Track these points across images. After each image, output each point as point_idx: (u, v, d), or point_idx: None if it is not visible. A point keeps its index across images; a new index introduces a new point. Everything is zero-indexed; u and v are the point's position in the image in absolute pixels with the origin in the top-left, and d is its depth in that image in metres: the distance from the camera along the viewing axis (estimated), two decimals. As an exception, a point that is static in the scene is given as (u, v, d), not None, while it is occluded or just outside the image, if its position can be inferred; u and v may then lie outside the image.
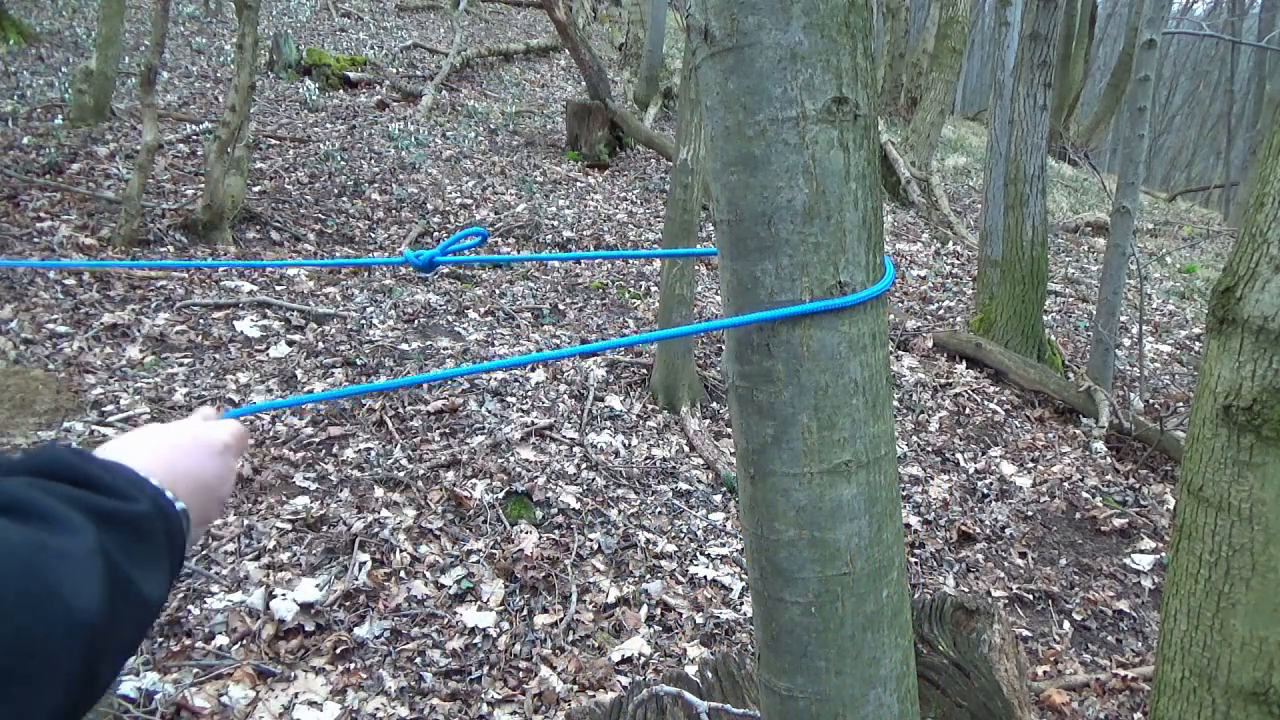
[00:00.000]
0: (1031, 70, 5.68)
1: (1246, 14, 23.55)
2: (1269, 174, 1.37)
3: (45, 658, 0.42)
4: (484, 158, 8.19)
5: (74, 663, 0.44)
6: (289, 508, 3.21)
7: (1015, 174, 5.82)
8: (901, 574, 1.05)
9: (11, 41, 8.50)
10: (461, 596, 2.98)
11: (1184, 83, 29.62)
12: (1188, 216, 14.60)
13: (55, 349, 4.09)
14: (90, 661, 0.46)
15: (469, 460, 3.67)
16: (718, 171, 0.94)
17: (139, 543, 0.53)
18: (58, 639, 0.43)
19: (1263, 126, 15.85)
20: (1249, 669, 1.41)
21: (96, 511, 0.51)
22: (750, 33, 0.87)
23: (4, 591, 0.41)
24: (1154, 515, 4.34)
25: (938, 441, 4.82)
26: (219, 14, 11.29)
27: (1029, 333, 5.94)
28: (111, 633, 0.48)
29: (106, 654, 0.48)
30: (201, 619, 2.67)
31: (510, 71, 11.66)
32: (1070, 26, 14.43)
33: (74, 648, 0.44)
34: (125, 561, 0.50)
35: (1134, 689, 3.10)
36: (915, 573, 3.69)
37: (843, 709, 1.03)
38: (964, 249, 8.78)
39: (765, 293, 0.93)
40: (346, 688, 2.53)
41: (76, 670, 0.44)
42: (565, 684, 2.70)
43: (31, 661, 0.41)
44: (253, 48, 5.38)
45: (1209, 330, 1.46)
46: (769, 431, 0.97)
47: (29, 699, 0.41)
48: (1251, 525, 1.39)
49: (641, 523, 3.60)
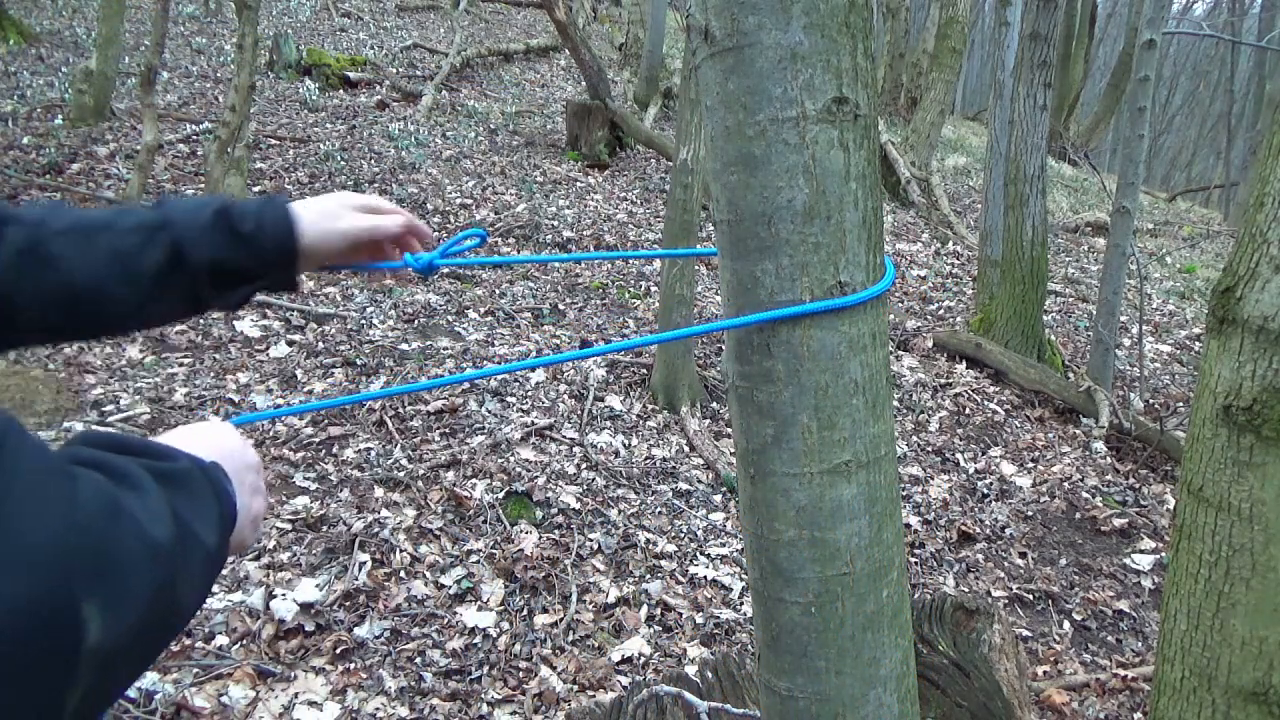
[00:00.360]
0: (1031, 70, 5.68)
1: (1246, 14, 23.55)
2: (1269, 174, 1.37)
3: (139, 575, 0.52)
4: (484, 158, 8.19)
5: (159, 578, 0.54)
6: (289, 508, 3.21)
7: (1015, 174, 5.82)
8: (901, 574, 1.05)
9: (11, 41, 8.50)
10: (461, 596, 2.98)
11: (1184, 83, 29.62)
12: (1188, 216, 14.60)
13: (55, 349, 4.09)
14: (170, 582, 0.55)
15: (469, 460, 3.67)
16: (718, 171, 0.94)
17: (188, 494, 0.61)
18: (145, 560, 0.52)
19: (1263, 126, 15.85)
20: (1249, 669, 1.41)
21: (150, 470, 0.59)
22: (750, 33, 0.87)
23: (101, 522, 0.50)
24: (1154, 515, 4.34)
25: (938, 441, 4.82)
26: (219, 14, 11.29)
27: (1029, 333, 5.94)
28: (184, 564, 0.57)
29: (183, 579, 0.57)
30: (201, 619, 2.67)
31: (510, 71, 11.66)
32: (1070, 26, 14.43)
33: (157, 568, 0.53)
34: (181, 507, 0.59)
35: (1134, 689, 3.10)
36: (915, 573, 3.69)
37: (843, 709, 1.03)
38: (964, 249, 8.78)
39: (765, 293, 0.93)
40: (346, 688, 2.53)
41: (162, 585, 0.54)
42: (565, 684, 2.70)
43: (128, 578, 0.50)
44: (253, 48, 5.38)
45: (1209, 330, 1.46)
46: (769, 431, 0.97)
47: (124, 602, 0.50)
48: (1251, 525, 1.39)
49: (641, 523, 3.60)
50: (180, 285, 0.89)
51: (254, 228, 0.91)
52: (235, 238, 0.90)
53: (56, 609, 0.45)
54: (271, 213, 0.93)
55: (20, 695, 0.44)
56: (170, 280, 0.88)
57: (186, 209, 0.90)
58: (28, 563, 0.44)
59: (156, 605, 0.53)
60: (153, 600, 0.53)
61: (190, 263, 0.88)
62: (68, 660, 0.46)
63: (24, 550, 0.44)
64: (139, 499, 0.55)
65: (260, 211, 0.92)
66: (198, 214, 0.89)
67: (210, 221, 0.89)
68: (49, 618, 0.45)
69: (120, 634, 0.50)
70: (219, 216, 0.90)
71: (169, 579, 0.54)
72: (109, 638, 0.48)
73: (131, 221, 0.87)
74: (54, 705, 0.46)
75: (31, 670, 0.44)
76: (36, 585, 0.44)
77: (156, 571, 0.53)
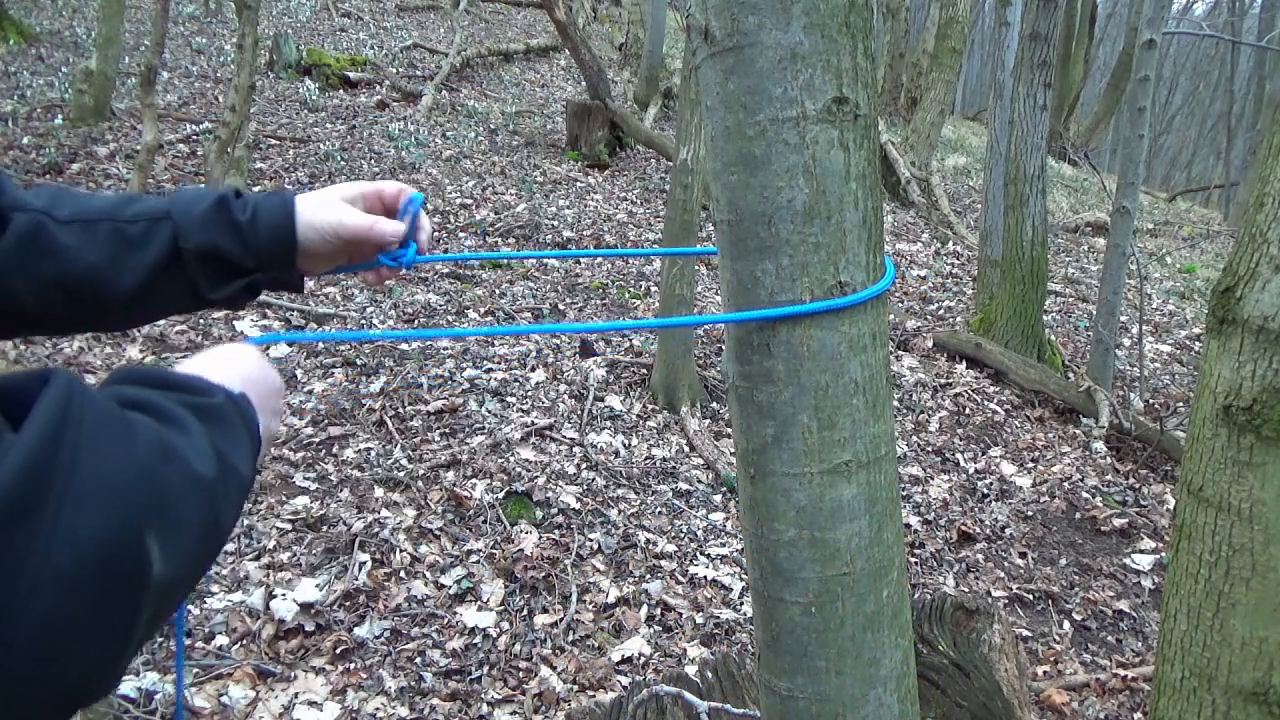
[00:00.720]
0: (1031, 70, 5.68)
1: (1246, 14, 23.56)
2: (1269, 174, 1.38)
3: (192, 510, 0.56)
4: (484, 158, 8.19)
5: (207, 511, 0.58)
6: (289, 508, 3.21)
7: (1015, 174, 5.82)
8: (901, 574, 1.05)
9: (11, 41, 8.50)
10: (461, 596, 2.98)
11: (1184, 83, 29.63)
12: (1188, 216, 14.60)
13: (55, 349, 4.09)
14: (214, 512, 0.59)
15: (469, 460, 3.67)
16: (718, 171, 0.94)
17: (224, 428, 0.65)
18: (195, 496, 0.57)
19: (1263, 126, 15.85)
20: (1249, 669, 1.41)
21: (189, 406, 0.63)
22: (750, 33, 0.87)
23: (157, 465, 0.54)
24: (1154, 515, 4.34)
25: (938, 441, 4.82)
26: (219, 14, 11.30)
27: (1029, 333, 5.94)
28: (223, 492, 0.61)
29: (224, 510, 0.61)
30: (201, 619, 2.67)
31: (510, 71, 11.66)
32: (1070, 26, 14.43)
33: (205, 502, 0.58)
34: (222, 445, 0.63)
35: (1134, 689, 3.10)
36: (915, 573, 3.69)
37: (843, 709, 1.03)
38: (964, 249, 8.78)
39: (765, 293, 0.93)
40: (346, 688, 2.53)
41: (207, 517, 0.58)
42: (565, 684, 2.70)
43: (183, 513, 0.55)
44: (253, 48, 5.38)
45: (1209, 330, 1.46)
46: (769, 431, 0.97)
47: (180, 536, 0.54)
48: (1251, 525, 1.39)
49: (641, 523, 3.60)
50: (179, 277, 0.88)
51: (249, 216, 0.88)
52: (230, 225, 0.88)
53: (128, 543, 0.49)
54: (269, 202, 0.91)
55: (98, 622, 0.48)
56: (170, 271, 0.87)
57: (189, 199, 0.89)
58: (102, 503, 0.48)
59: (206, 535, 0.58)
60: (203, 531, 0.58)
61: (185, 251, 0.87)
62: (138, 589, 0.50)
63: (97, 492, 0.48)
64: (185, 439, 0.59)
65: (259, 200, 0.90)
66: (198, 202, 0.88)
67: (208, 209, 0.88)
68: (122, 551, 0.48)
69: (179, 564, 0.54)
70: (218, 204, 0.88)
71: (214, 511, 0.59)
72: (170, 567, 0.53)
73: (135, 211, 0.86)
74: (126, 628, 0.50)
75: (109, 599, 0.48)
76: (111, 523, 0.48)
77: (205, 505, 0.58)
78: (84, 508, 0.47)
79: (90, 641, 0.47)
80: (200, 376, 0.68)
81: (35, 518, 0.45)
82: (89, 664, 0.48)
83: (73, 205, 0.84)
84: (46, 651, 0.45)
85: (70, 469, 0.47)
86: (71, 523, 0.46)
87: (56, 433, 0.47)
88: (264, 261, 0.90)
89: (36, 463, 0.45)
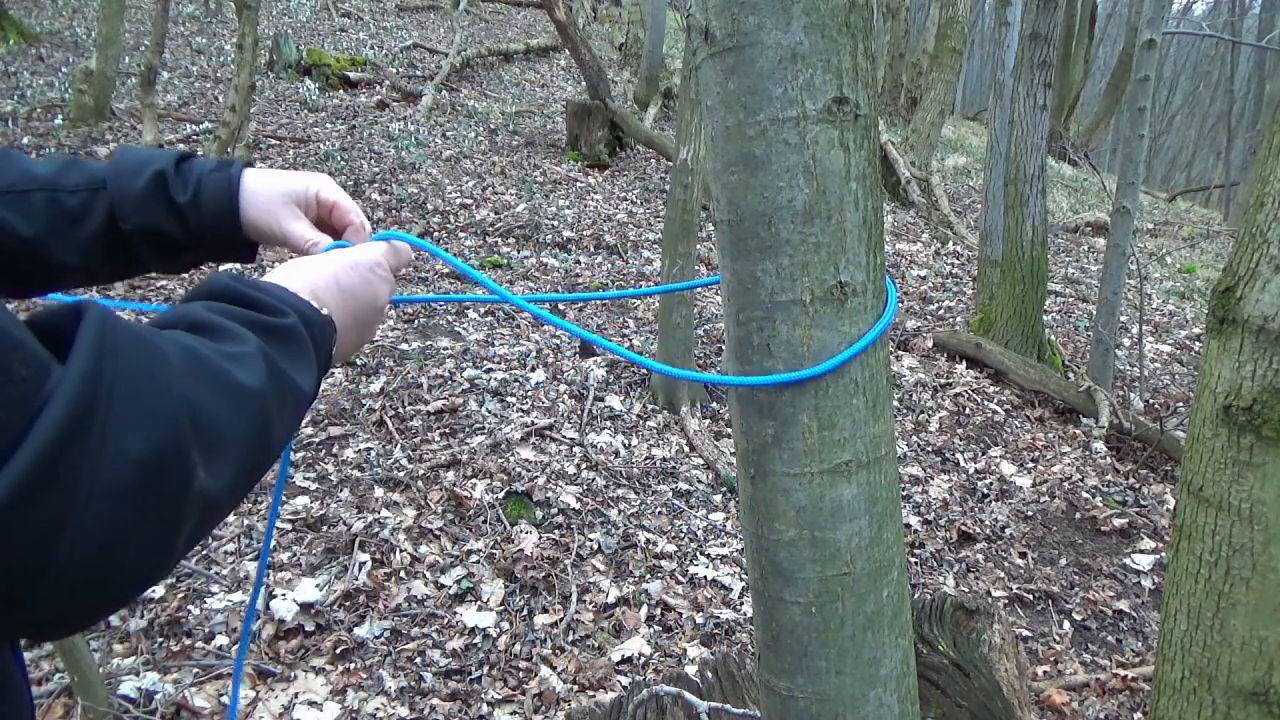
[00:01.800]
0: (1031, 70, 5.68)
1: (1246, 14, 23.56)
2: (1269, 174, 1.37)
3: (234, 423, 0.59)
4: (484, 158, 8.19)
5: (254, 423, 0.61)
6: (289, 508, 3.21)
7: (1015, 174, 5.82)
8: (901, 574, 1.05)
9: (11, 41, 8.50)
10: (461, 596, 2.98)
11: (1184, 83, 29.63)
12: (1188, 216, 14.60)
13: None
14: (265, 424, 0.62)
15: (469, 460, 3.67)
16: (718, 171, 0.94)
17: (289, 346, 0.68)
18: (238, 408, 0.60)
19: (1263, 126, 15.84)
20: (1249, 669, 1.41)
21: (255, 324, 0.66)
22: (751, 33, 0.87)
23: (193, 383, 0.57)
24: (1154, 515, 4.34)
25: (938, 441, 4.82)
26: (219, 14, 11.29)
27: (1029, 333, 5.94)
28: (277, 405, 0.64)
29: (277, 421, 0.64)
30: (201, 619, 2.67)
31: (510, 71, 11.66)
32: (1070, 26, 14.43)
33: (251, 409, 0.61)
34: (280, 358, 0.66)
35: (1134, 689, 3.10)
36: (915, 573, 3.69)
37: (843, 709, 1.03)
38: (964, 249, 8.78)
39: (765, 293, 0.93)
40: (346, 688, 2.53)
41: (254, 427, 0.61)
42: (565, 684, 2.70)
43: (219, 424, 0.58)
44: (253, 48, 5.38)
45: (1209, 330, 1.46)
46: (769, 431, 0.97)
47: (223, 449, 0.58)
48: (1251, 525, 1.39)
49: (641, 523, 3.60)
50: (119, 248, 0.87)
51: (190, 198, 0.86)
52: (169, 208, 0.86)
53: (169, 459, 0.53)
54: (213, 184, 0.88)
55: (146, 524, 0.53)
56: (111, 243, 0.86)
57: (126, 170, 0.86)
58: (142, 425, 0.52)
59: (253, 444, 0.61)
60: (251, 440, 0.61)
61: (123, 230, 0.85)
62: (180, 499, 0.55)
63: (138, 415, 0.52)
64: (235, 356, 0.62)
65: (202, 178, 0.87)
66: (135, 178, 0.85)
67: (146, 188, 0.85)
68: (165, 466, 0.53)
69: (224, 473, 0.58)
70: (156, 182, 0.85)
71: (263, 420, 0.62)
72: (214, 477, 0.57)
73: (75, 180, 0.84)
74: (173, 531, 0.55)
75: (155, 507, 0.53)
76: (150, 443, 0.52)
77: (251, 417, 0.61)
78: (126, 430, 0.51)
79: (141, 540, 0.53)
80: (281, 294, 0.71)
81: (86, 440, 0.50)
82: (142, 558, 0.54)
83: (12, 173, 0.83)
84: (105, 547, 0.51)
85: (111, 396, 0.51)
86: (117, 445, 0.51)
87: (97, 365, 0.51)
88: (207, 243, 0.90)
89: (84, 393, 0.50)
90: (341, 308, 0.78)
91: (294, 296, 0.73)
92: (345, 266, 0.81)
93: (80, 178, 0.85)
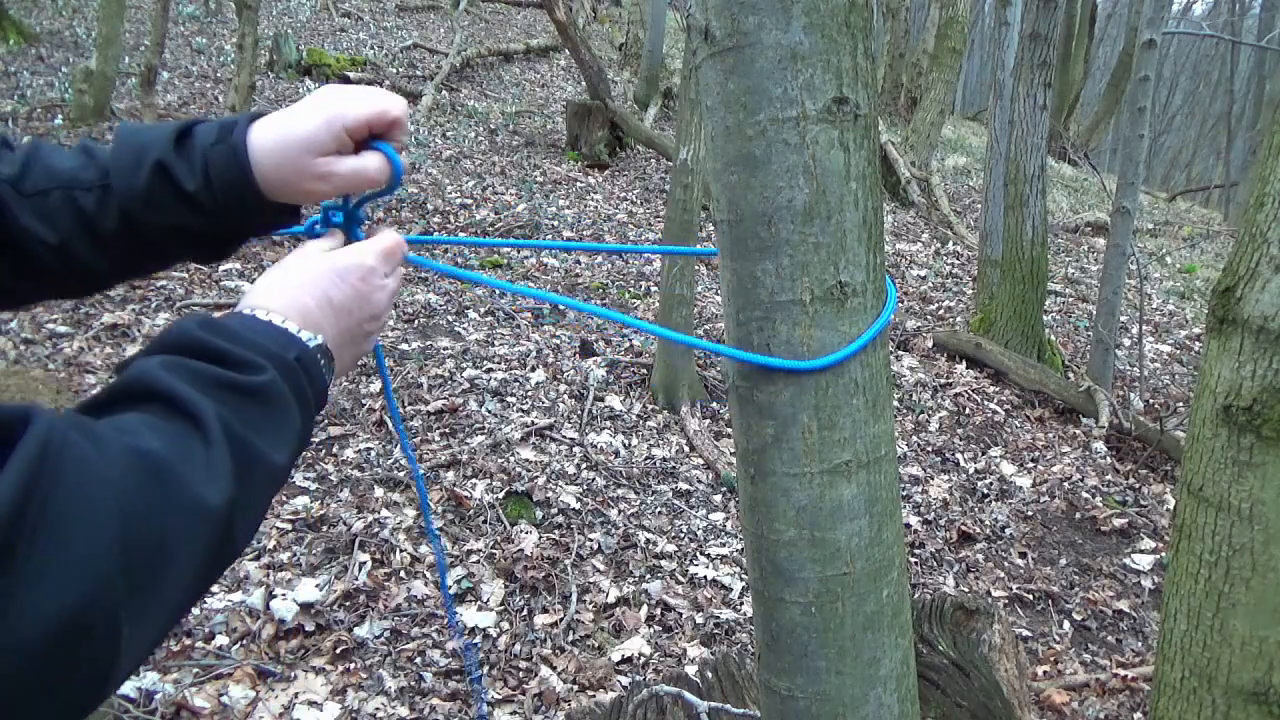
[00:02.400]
0: (1031, 70, 5.68)
1: (1246, 14, 23.56)
2: (1269, 174, 1.38)
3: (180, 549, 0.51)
4: (484, 158, 8.19)
5: (209, 542, 0.54)
6: (289, 508, 3.21)
7: (1015, 174, 5.82)
8: (902, 574, 1.05)
9: (11, 41, 8.50)
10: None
11: (1184, 83, 29.62)
12: (1188, 216, 14.60)
13: (55, 349, 4.09)
14: (223, 538, 0.55)
15: (469, 460, 3.67)
16: (718, 171, 0.94)
17: (264, 411, 0.59)
18: (187, 531, 0.52)
19: (1263, 126, 15.84)
20: (1249, 669, 1.41)
21: (222, 385, 0.58)
22: (751, 33, 0.87)
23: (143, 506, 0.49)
24: (1154, 515, 4.34)
25: (938, 441, 4.82)
26: (219, 14, 11.29)
27: (1029, 333, 5.94)
28: (244, 503, 0.56)
29: (240, 521, 0.57)
30: (201, 619, 2.67)
31: (510, 71, 11.66)
32: (1070, 26, 14.43)
33: (207, 532, 0.53)
34: (251, 434, 0.57)
35: (1134, 689, 3.10)
36: (915, 573, 3.68)
37: (843, 709, 1.03)
38: (964, 249, 8.78)
39: (765, 293, 0.93)
40: (346, 688, 2.53)
41: (211, 550, 0.54)
42: (565, 684, 2.70)
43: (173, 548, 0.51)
44: (253, 48, 5.39)
45: (1209, 330, 1.46)
46: (769, 431, 0.97)
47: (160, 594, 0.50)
48: (1251, 525, 1.39)
49: (641, 523, 3.60)
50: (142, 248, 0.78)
51: (200, 184, 0.75)
52: (179, 199, 0.76)
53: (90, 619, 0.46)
54: (219, 160, 0.76)
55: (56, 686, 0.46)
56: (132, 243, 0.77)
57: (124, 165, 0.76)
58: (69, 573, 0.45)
59: (202, 570, 0.54)
60: (199, 568, 0.54)
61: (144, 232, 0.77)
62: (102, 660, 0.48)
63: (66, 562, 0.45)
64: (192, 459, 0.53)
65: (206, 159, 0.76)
66: (135, 174, 0.75)
67: (148, 185, 0.75)
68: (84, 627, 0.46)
69: (159, 620, 0.51)
70: (157, 176, 0.75)
71: (220, 538, 0.55)
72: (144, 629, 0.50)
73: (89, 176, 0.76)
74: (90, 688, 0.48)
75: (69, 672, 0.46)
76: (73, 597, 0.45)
77: (206, 542, 0.54)
78: (43, 581, 0.44)
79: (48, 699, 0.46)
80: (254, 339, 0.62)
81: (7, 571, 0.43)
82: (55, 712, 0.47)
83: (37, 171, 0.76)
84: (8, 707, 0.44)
85: (34, 536, 0.44)
86: (31, 597, 0.43)
87: (29, 487, 0.44)
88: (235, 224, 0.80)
89: (6, 518, 0.43)
90: (336, 326, 0.71)
91: (274, 337, 0.64)
92: (334, 279, 0.72)
93: (92, 174, 0.76)
